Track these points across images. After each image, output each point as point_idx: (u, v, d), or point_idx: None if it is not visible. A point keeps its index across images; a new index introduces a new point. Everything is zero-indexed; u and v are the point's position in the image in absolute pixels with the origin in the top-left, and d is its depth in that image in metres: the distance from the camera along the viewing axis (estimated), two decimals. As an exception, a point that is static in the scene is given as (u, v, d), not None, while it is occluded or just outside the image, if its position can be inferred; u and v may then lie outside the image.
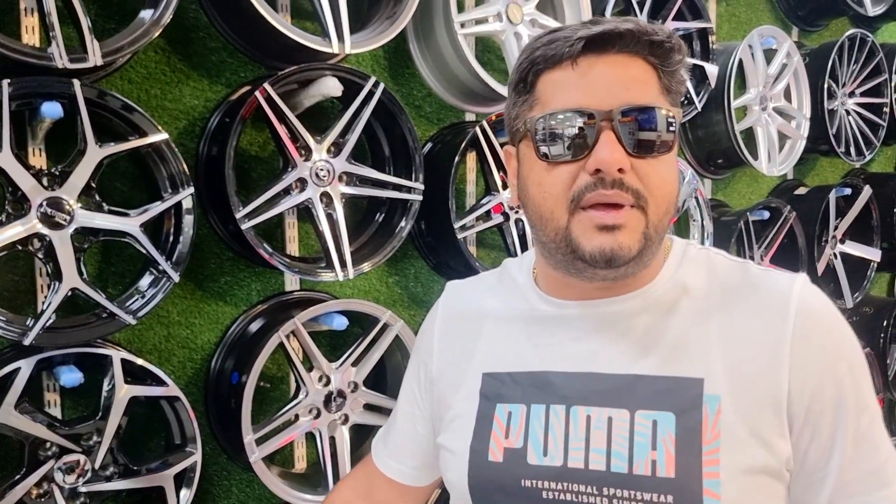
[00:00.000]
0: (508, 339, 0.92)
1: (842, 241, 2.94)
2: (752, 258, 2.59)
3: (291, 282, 1.88)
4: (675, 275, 0.87)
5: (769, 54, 2.63)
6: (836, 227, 2.89)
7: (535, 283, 0.94)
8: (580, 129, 0.78)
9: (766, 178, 2.87)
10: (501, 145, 1.95)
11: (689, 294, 0.86)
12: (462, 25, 1.91)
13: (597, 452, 0.81)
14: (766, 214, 2.63)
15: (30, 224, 1.36)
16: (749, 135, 2.65)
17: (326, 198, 1.71)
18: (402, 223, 1.81)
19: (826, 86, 2.73)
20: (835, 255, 2.90)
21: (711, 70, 2.39)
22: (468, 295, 1.01)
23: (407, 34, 1.99)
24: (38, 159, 1.52)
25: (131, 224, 1.45)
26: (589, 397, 0.83)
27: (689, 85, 2.36)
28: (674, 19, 2.31)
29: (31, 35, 1.50)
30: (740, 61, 2.47)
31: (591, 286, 0.85)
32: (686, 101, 2.38)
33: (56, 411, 1.56)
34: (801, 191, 2.95)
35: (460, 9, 2.00)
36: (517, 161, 0.88)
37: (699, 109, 2.38)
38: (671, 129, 0.81)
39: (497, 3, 1.97)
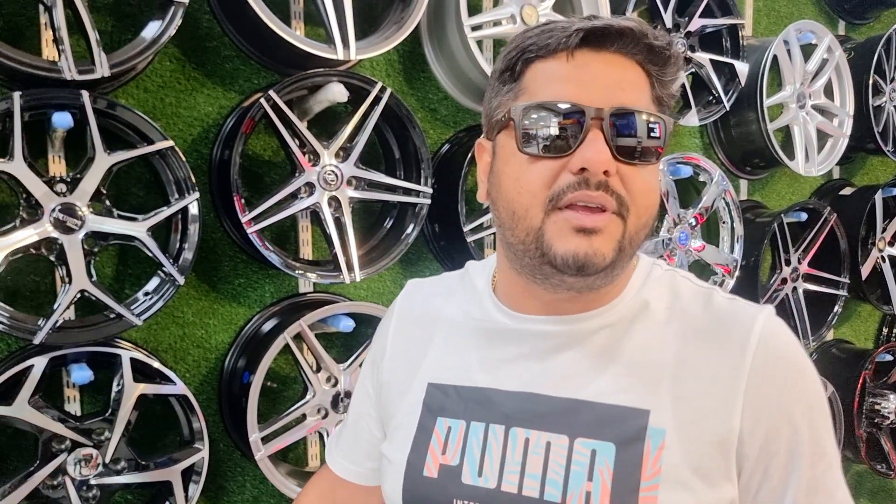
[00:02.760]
0: (459, 349, 0.89)
1: (891, 244, 2.81)
2: (788, 261, 2.51)
3: (305, 284, 1.92)
4: (638, 295, 0.83)
5: (808, 49, 2.53)
6: (883, 229, 2.77)
7: (493, 292, 0.90)
8: (568, 124, 0.74)
9: (808, 178, 2.76)
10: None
11: (648, 316, 0.82)
12: (476, 28, 1.91)
13: (532, 478, 0.78)
14: (804, 216, 2.54)
15: (42, 228, 1.43)
16: (788, 134, 2.56)
17: (335, 202, 1.74)
18: (410, 227, 1.82)
19: (871, 81, 2.61)
20: (882, 258, 2.78)
21: (742, 68, 2.32)
22: (426, 296, 0.98)
23: (421, 37, 2.00)
24: (58, 166, 1.59)
25: (139, 228, 1.51)
26: (530, 419, 0.80)
27: (718, 84, 2.29)
28: (701, 16, 2.25)
29: (51, 48, 1.57)
30: (775, 58, 2.39)
31: (553, 297, 0.81)
32: (714, 100, 2.31)
33: (75, 406, 1.64)
34: (847, 191, 2.83)
35: (476, 11, 2.01)
36: (492, 155, 0.84)
37: (727, 108, 2.31)
38: (661, 138, 0.77)
39: (511, 4, 1.96)
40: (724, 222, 2.38)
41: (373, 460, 1.00)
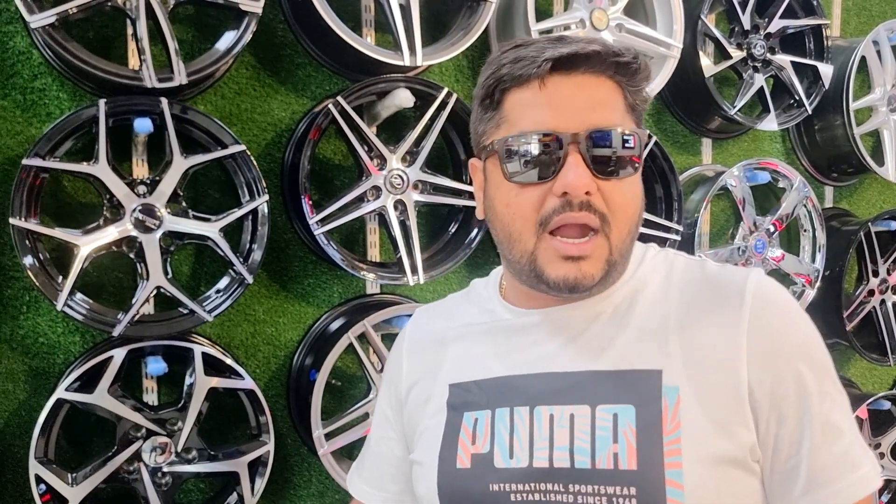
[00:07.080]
0: (474, 350, 0.93)
1: None
2: (875, 272, 2.39)
3: (372, 285, 1.96)
4: (635, 276, 0.89)
5: (902, 50, 2.41)
6: None
7: (500, 296, 0.96)
8: (547, 151, 0.80)
9: (901, 185, 2.62)
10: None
11: (647, 292, 0.87)
12: (545, 33, 1.90)
13: (560, 450, 0.81)
14: (894, 225, 2.41)
15: (123, 227, 1.52)
16: (879, 139, 2.44)
17: (400, 205, 1.77)
18: (474, 232, 1.83)
19: (973, 83, 2.45)
20: (984, 271, 2.60)
21: (825, 70, 2.22)
22: (435, 317, 1.03)
23: (491, 43, 2.01)
24: (142, 169, 1.68)
25: (211, 229, 1.58)
26: (551, 396, 0.84)
27: (800, 87, 2.21)
28: (782, 16, 2.17)
29: (136, 58, 1.67)
30: (863, 59, 2.28)
31: (555, 298, 0.87)
32: (795, 104, 2.23)
33: (153, 397, 1.73)
34: (945, 199, 2.67)
35: (545, 15, 2.00)
36: (483, 176, 0.89)
37: (809, 112, 2.22)
38: (636, 150, 0.82)
39: (581, 9, 1.95)
40: (804, 230, 2.29)
41: (397, 483, 1.02)
